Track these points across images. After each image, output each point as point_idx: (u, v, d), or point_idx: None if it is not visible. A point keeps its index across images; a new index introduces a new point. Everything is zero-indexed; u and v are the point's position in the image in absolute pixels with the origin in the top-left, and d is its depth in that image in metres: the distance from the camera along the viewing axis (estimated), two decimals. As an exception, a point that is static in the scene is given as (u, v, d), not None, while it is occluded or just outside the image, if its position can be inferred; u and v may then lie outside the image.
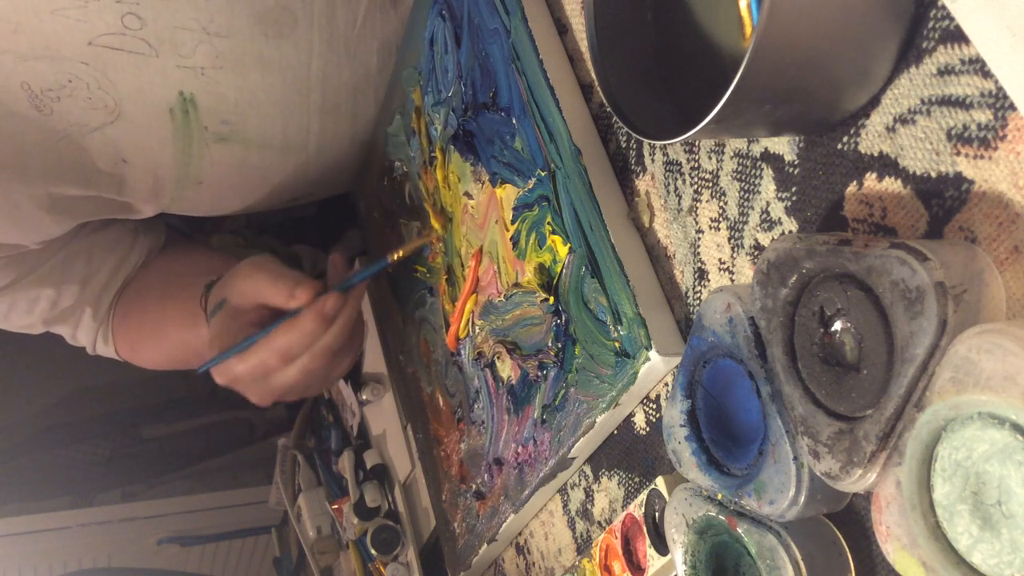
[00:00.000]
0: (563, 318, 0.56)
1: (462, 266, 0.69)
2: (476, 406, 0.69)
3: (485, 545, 0.69)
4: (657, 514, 0.51)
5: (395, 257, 0.73)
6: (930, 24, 0.35)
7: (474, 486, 0.70)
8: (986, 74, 0.33)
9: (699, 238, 0.48)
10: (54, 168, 0.73)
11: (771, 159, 0.43)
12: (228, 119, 0.75)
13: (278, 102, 0.77)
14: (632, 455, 0.56)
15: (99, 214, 0.82)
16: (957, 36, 0.34)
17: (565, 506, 0.64)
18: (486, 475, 0.68)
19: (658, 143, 0.51)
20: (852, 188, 0.39)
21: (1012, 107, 0.32)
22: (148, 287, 0.89)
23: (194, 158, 0.76)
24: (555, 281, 0.57)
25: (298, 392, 0.74)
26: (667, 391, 0.52)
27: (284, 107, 0.77)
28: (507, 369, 0.64)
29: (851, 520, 0.40)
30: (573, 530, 0.63)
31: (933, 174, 0.35)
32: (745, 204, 0.45)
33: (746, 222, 0.45)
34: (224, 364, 0.71)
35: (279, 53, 0.74)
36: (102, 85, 0.70)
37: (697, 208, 0.48)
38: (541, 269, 0.58)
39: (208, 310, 0.76)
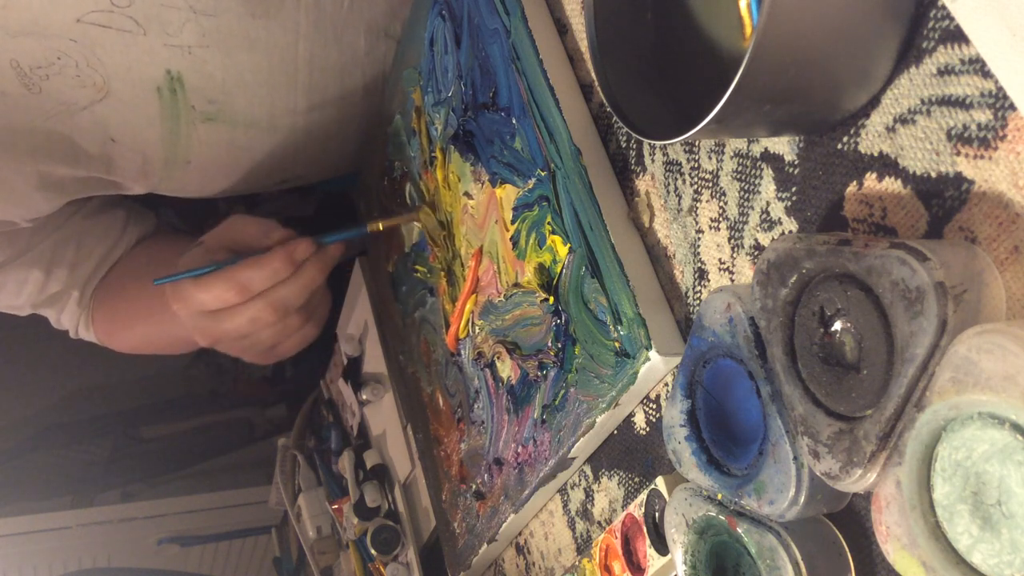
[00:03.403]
0: (563, 318, 0.56)
1: (462, 266, 0.69)
2: (476, 406, 0.69)
3: (485, 545, 0.69)
4: (657, 514, 0.51)
5: (375, 228, 0.74)
6: (930, 24, 0.35)
7: (474, 486, 0.70)
8: (986, 74, 0.33)
9: (699, 238, 0.48)
10: (43, 148, 0.74)
11: (771, 159, 0.43)
12: (215, 98, 0.75)
13: (265, 82, 0.77)
14: (632, 455, 0.56)
15: (89, 192, 0.82)
16: (957, 36, 0.34)
17: (565, 506, 0.64)
18: (486, 475, 0.68)
19: (658, 143, 0.51)
20: (852, 188, 0.39)
21: (1012, 107, 0.32)
22: (129, 272, 0.90)
23: (182, 137, 0.77)
24: (555, 281, 0.57)
25: (240, 347, 0.76)
26: (667, 391, 0.52)
27: (271, 87, 0.77)
28: (507, 369, 0.64)
29: (851, 520, 0.40)
30: (573, 530, 0.63)
31: (933, 174, 0.35)
32: (745, 204, 0.45)
33: (746, 222, 0.45)
34: (183, 287, 0.72)
35: (266, 33, 0.74)
36: (90, 63, 0.70)
37: (697, 208, 0.48)
38: (541, 269, 0.58)
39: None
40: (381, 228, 0.75)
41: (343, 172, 0.94)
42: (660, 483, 0.50)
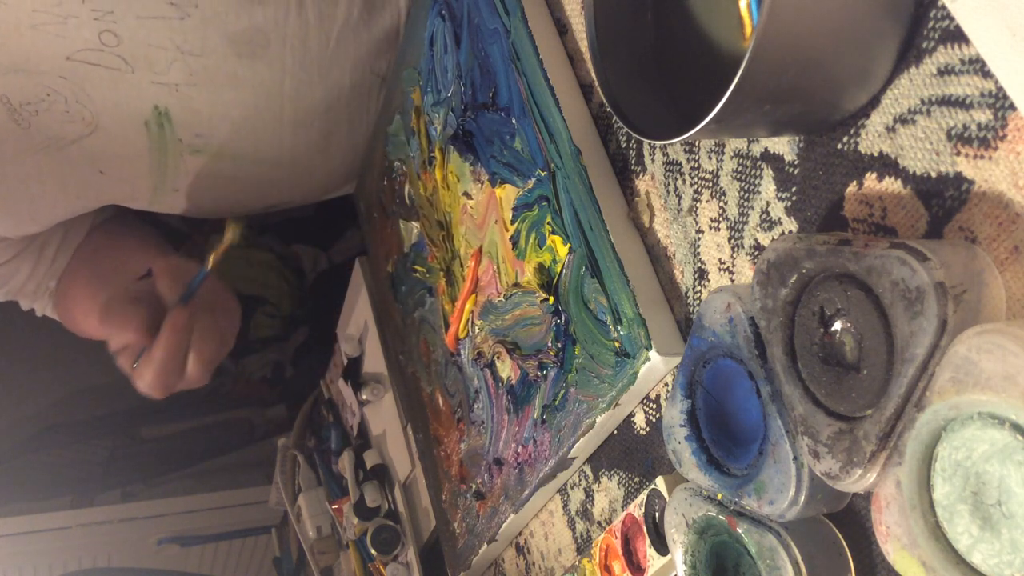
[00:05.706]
0: (563, 318, 0.56)
1: (461, 266, 0.69)
2: (476, 406, 0.69)
3: (485, 545, 0.69)
4: (657, 514, 0.51)
5: (207, 266, 0.76)
6: (930, 24, 0.35)
7: (474, 486, 0.70)
8: (986, 74, 0.33)
9: (699, 238, 0.48)
10: (33, 178, 0.76)
11: (771, 159, 0.43)
12: (202, 133, 0.77)
13: (251, 118, 0.78)
14: (632, 455, 0.56)
15: (78, 213, 0.84)
16: (957, 36, 0.34)
17: (565, 506, 0.64)
18: (486, 475, 0.68)
19: (658, 143, 0.51)
20: (852, 188, 0.39)
21: (1012, 107, 0.32)
22: (84, 258, 0.91)
23: (170, 168, 0.79)
24: (555, 281, 0.57)
25: (194, 367, 0.82)
26: (667, 391, 0.52)
27: (257, 123, 0.79)
28: (507, 369, 0.64)
29: (851, 520, 0.40)
30: (573, 530, 0.63)
31: (933, 174, 0.35)
32: (745, 204, 0.45)
33: (746, 222, 0.45)
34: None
35: (252, 72, 0.75)
36: (79, 99, 0.72)
37: (697, 208, 0.48)
38: (541, 269, 0.58)
39: None
40: (211, 265, 0.77)
41: (330, 195, 0.96)
42: (660, 483, 0.50)
